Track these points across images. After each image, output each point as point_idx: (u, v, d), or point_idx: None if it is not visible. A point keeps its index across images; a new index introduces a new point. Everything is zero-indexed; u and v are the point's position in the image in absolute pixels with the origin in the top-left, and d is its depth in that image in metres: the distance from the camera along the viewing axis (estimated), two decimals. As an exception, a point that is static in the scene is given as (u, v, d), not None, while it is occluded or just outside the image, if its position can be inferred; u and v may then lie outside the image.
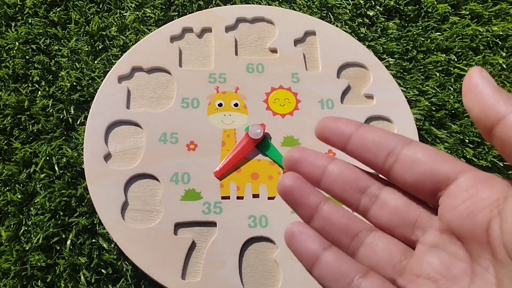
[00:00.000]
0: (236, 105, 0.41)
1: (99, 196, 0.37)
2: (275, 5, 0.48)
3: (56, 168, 0.40)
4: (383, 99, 0.42)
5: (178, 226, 0.37)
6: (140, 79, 0.42)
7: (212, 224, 0.37)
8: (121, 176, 0.38)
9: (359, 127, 0.19)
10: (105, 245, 0.37)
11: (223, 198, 0.38)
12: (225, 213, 0.37)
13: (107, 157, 0.39)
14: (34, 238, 0.37)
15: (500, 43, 0.49)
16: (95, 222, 0.38)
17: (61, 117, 0.42)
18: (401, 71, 0.46)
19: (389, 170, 0.18)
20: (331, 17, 0.49)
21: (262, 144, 0.40)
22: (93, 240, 0.37)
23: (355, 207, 0.19)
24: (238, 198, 0.38)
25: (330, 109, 0.42)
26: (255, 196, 0.38)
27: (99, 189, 0.37)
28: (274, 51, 0.44)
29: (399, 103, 0.42)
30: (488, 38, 0.49)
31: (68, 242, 0.37)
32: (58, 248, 0.37)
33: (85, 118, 0.41)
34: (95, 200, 0.37)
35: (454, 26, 0.49)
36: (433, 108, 0.45)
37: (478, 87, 0.16)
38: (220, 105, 0.41)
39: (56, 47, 0.45)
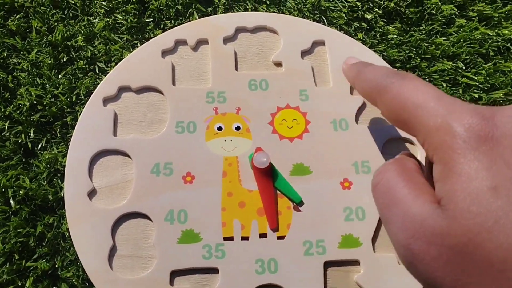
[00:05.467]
0: (237, 128, 0.36)
1: (83, 240, 0.32)
2: (262, 8, 0.43)
3: (12, 202, 0.34)
4: (404, 118, 0.38)
5: (174, 274, 0.32)
6: (128, 101, 0.37)
7: (214, 270, 0.32)
8: (108, 216, 0.33)
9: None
10: (76, 294, 0.32)
11: (225, 239, 0.33)
12: (228, 257, 0.32)
13: (92, 193, 0.34)
14: (-10, 288, 0.32)
15: None
16: (56, 265, 0.33)
17: (19, 141, 0.37)
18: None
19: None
20: (325, 21, 0.44)
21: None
22: (54, 287, 0.33)
23: None
24: (243, 238, 0.33)
25: (344, 131, 0.37)
26: (262, 235, 0.33)
27: (82, 232, 0.32)
28: (279, 64, 0.39)
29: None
30: (499, 43, 0.44)
31: (32, 291, 0.32)
32: (19, 299, 0.32)
33: (47, 142, 0.37)
34: (78, 246, 0.32)
35: (461, 29, 0.44)
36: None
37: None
38: (219, 128, 0.36)
39: (15, 60, 0.40)
